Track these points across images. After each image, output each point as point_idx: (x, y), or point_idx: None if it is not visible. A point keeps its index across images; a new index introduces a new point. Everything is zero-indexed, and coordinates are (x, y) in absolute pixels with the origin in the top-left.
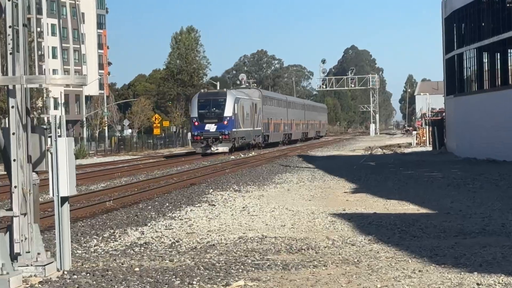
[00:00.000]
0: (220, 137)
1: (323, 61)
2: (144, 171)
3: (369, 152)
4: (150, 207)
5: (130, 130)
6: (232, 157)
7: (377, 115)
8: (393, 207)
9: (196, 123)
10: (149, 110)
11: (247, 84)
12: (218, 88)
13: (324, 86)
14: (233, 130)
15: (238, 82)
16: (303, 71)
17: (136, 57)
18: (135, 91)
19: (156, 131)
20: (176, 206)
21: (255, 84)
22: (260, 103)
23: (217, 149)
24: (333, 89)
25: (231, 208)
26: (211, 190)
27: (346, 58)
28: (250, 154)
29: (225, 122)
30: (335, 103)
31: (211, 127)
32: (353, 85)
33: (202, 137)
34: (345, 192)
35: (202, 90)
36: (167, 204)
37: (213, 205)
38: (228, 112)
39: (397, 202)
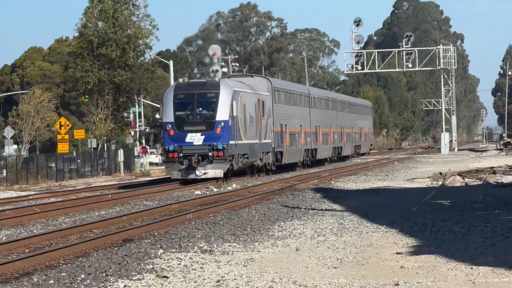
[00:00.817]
0: (210, 153)
1: (357, 23)
2: (41, 217)
3: (440, 183)
4: (52, 281)
5: (15, 147)
6: (197, 192)
7: (454, 118)
8: (484, 279)
9: (172, 132)
10: (49, 111)
11: (222, 64)
12: (172, 73)
13: (359, 67)
14: (231, 142)
15: (207, 61)
16: (322, 41)
17: (26, 18)
18: (24, 77)
19: (63, 148)
20: (98, 279)
21: (237, 64)
22: (269, 100)
23: (205, 173)
24: (375, 71)
25: (195, 282)
26: (161, 250)
27: (397, 16)
28: (229, 188)
29: (218, 130)
30: (378, 96)
31: (195, 138)
32: (410, 65)
33: (181, 154)
34: (398, 253)
35: (181, 80)
36: (83, 276)
37: (165, 277)
38: (222, 114)
39: (491, 271)
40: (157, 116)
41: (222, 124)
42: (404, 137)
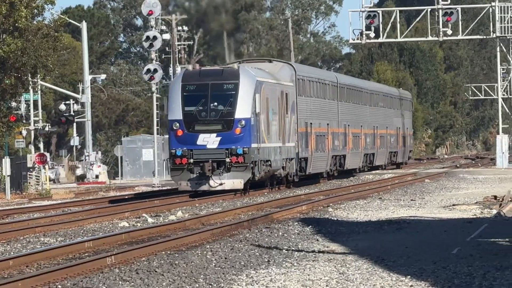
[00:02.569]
0: (228, 159)
1: None
2: None
3: (495, 212)
4: None
5: None
6: (124, 223)
7: None
8: None
9: (180, 133)
10: None
11: (162, 28)
12: (86, 41)
13: (372, 34)
14: (253, 146)
15: (139, 23)
16: None
17: None
18: None
19: None
20: None
21: (185, 28)
22: (293, 92)
23: (221, 184)
24: (396, 40)
25: None
26: None
27: None
28: (172, 217)
29: (238, 131)
30: (401, 79)
31: (209, 140)
32: (449, 31)
33: (191, 160)
34: None
35: (190, 67)
36: None
37: None
38: (243, 110)
39: None
40: (73, 107)
41: (243, 122)
42: (440, 141)
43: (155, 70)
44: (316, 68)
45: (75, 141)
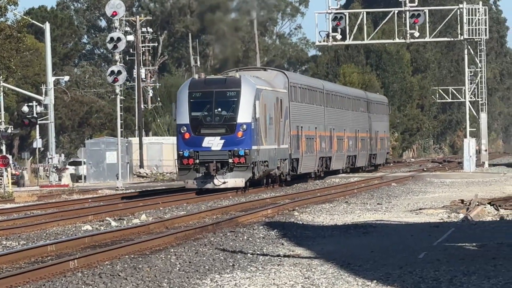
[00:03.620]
0: (231, 160)
1: None
2: None
3: (462, 216)
4: None
5: None
6: (87, 226)
7: (484, 116)
8: None
9: (187, 136)
10: None
11: (126, 29)
12: (49, 42)
13: (339, 36)
14: (253, 148)
15: (103, 24)
16: None
17: None
18: None
19: None
20: None
21: (150, 30)
22: (286, 98)
23: (224, 183)
24: (363, 42)
25: None
26: None
27: None
28: (136, 221)
29: (240, 134)
30: (367, 81)
31: (214, 143)
32: (416, 33)
33: (197, 161)
34: None
35: (196, 76)
36: None
37: None
38: (244, 115)
39: None
40: (36, 109)
41: (244, 127)
42: (406, 144)
43: (119, 72)
44: (305, 76)
45: (38, 143)
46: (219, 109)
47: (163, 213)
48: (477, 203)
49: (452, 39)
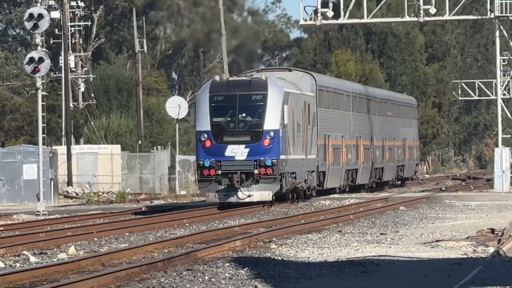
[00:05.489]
0: (256, 171)
1: None
2: None
3: (492, 250)
4: None
5: None
6: None
7: None
8: None
9: (208, 144)
10: None
11: (51, 2)
12: None
13: (329, 13)
14: (282, 157)
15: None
16: None
17: None
18: None
19: None
20: None
21: (82, 4)
22: (314, 103)
23: (249, 196)
24: (361, 21)
25: None
26: None
27: None
28: (63, 255)
29: (267, 142)
30: (368, 72)
31: (238, 152)
32: (432, 10)
33: (219, 172)
34: None
35: (217, 77)
36: None
37: None
38: (272, 121)
39: None
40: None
41: (272, 134)
42: (420, 156)
43: (41, 59)
44: (332, 77)
45: None
46: (244, 115)
47: (99, 245)
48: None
49: (479, 17)
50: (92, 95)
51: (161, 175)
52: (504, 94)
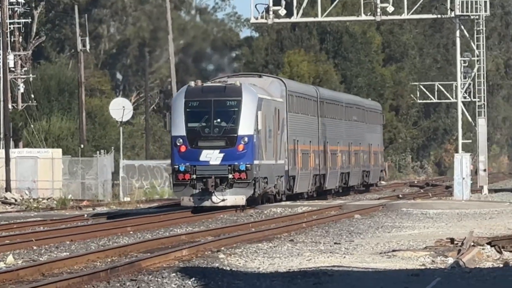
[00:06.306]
0: (231, 175)
1: None
2: None
3: (452, 261)
4: None
5: None
6: None
7: (483, 122)
8: None
9: (183, 148)
10: None
11: None
12: None
13: (282, 11)
14: (255, 162)
15: None
16: None
17: None
18: None
19: None
20: None
21: (20, 6)
22: (283, 109)
23: (223, 200)
24: (315, 20)
25: None
26: None
27: None
28: (1, 264)
29: (241, 147)
30: (322, 74)
31: (212, 156)
32: (390, 8)
33: (194, 176)
34: None
35: (192, 83)
36: None
37: None
38: (246, 127)
39: None
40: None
41: (246, 139)
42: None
43: None
44: (300, 83)
45: None
46: (219, 120)
47: (38, 254)
48: (473, 244)
49: (439, 16)
50: (32, 96)
51: (104, 181)
52: (464, 97)
